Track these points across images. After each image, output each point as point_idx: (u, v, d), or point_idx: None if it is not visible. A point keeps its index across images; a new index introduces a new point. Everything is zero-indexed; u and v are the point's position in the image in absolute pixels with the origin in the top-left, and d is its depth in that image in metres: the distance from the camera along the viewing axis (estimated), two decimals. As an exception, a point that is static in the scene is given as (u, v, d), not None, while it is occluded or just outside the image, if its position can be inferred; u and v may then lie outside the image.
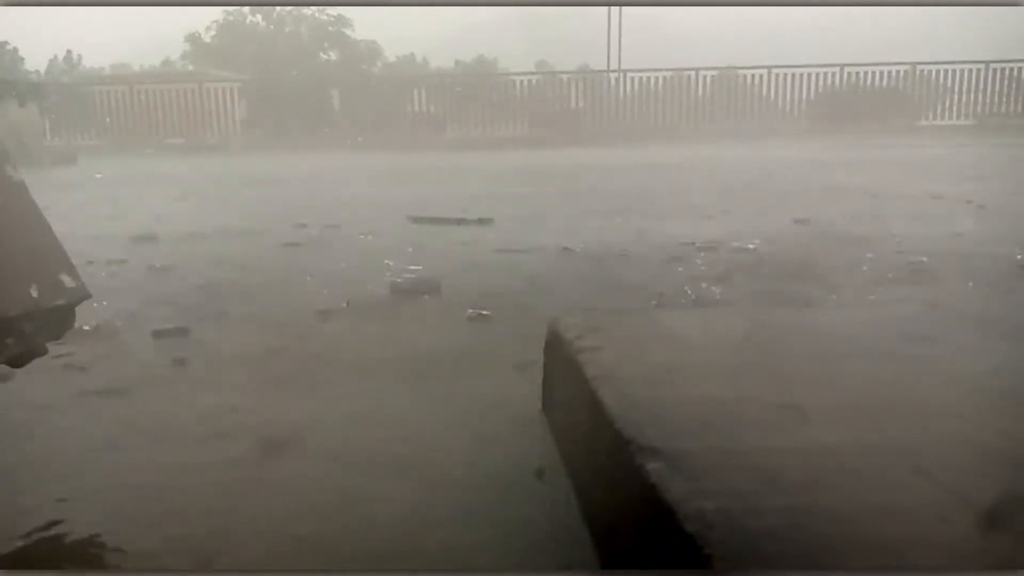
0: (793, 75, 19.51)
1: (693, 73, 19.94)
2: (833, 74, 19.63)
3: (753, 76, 19.83)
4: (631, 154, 12.01)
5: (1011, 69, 18.65)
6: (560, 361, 1.40)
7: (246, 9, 30.90)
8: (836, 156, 10.23)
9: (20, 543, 1.08)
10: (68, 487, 1.22)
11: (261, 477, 1.26)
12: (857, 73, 19.70)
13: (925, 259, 2.99)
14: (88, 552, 1.07)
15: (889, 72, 19.57)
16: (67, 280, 1.21)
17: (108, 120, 19.93)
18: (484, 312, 2.29)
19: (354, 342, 2.07)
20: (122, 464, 1.31)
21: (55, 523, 1.12)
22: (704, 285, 2.62)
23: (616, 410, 1.02)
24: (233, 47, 31.14)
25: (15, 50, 29.86)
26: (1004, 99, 18.86)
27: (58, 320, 1.22)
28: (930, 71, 19.21)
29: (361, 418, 1.51)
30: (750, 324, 1.54)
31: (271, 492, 1.20)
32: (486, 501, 1.16)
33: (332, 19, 31.16)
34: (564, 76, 20.78)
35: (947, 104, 19.30)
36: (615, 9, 28.04)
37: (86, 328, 2.07)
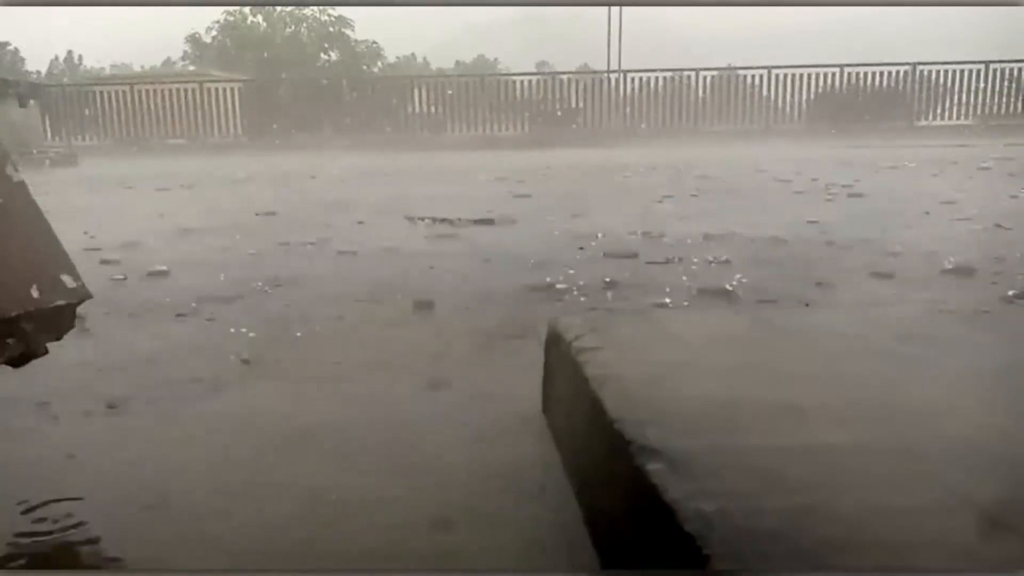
0: (793, 75, 19.52)
1: (693, 73, 19.95)
2: (833, 74, 19.64)
3: (753, 76, 19.84)
4: (629, 154, 12.02)
5: (1011, 69, 18.65)
6: (560, 361, 1.40)
7: (247, 9, 30.93)
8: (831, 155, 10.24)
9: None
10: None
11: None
12: (857, 73, 19.71)
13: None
14: (88, 552, 1.07)
15: (889, 72, 19.56)
16: (68, 280, 1.21)
17: (108, 121, 19.93)
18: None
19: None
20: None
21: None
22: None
23: (616, 410, 1.02)
24: (234, 48, 31.17)
25: (16, 51, 29.87)
26: (1004, 99, 18.86)
27: (59, 320, 1.22)
28: (930, 71, 19.21)
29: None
30: (750, 324, 1.54)
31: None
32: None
33: (333, 19, 31.19)
34: (564, 76, 20.80)
35: (947, 104, 19.30)
36: (615, 9, 28.10)
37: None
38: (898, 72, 19.43)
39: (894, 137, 15.17)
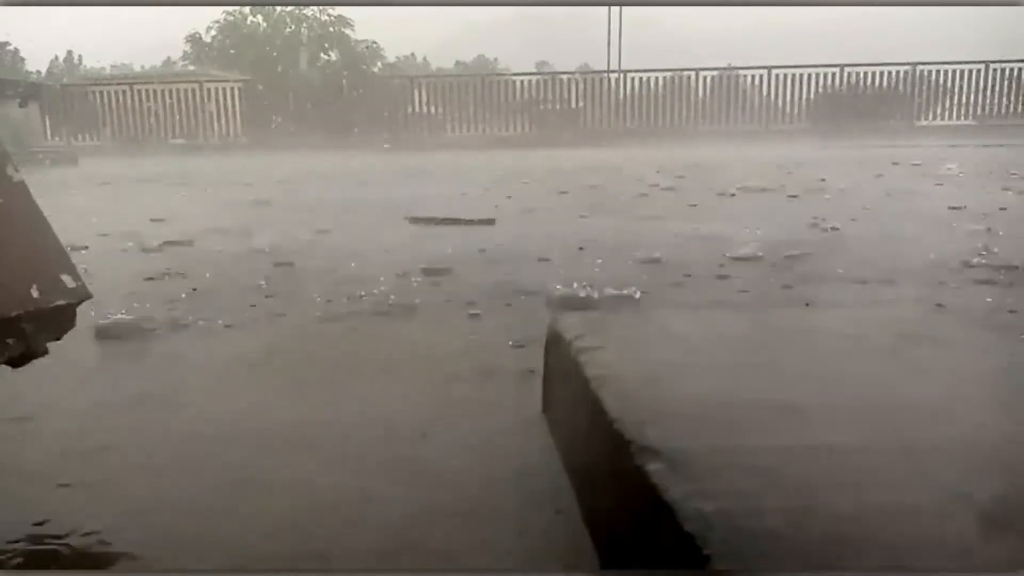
0: (793, 75, 19.51)
1: (693, 73, 19.94)
2: (833, 74, 19.62)
3: (753, 76, 19.83)
4: (624, 154, 12.02)
5: (1011, 69, 18.64)
6: (560, 361, 1.40)
7: (247, 9, 30.92)
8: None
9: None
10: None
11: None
12: (857, 73, 19.69)
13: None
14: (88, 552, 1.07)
15: (889, 72, 19.55)
16: (68, 280, 1.21)
17: (109, 121, 19.92)
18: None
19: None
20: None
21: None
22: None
23: (616, 410, 1.02)
24: (234, 48, 31.16)
25: (16, 51, 29.81)
26: (1004, 99, 18.85)
27: (59, 320, 1.22)
28: (930, 71, 19.20)
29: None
30: (750, 324, 1.54)
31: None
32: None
33: (333, 19, 31.16)
34: (564, 76, 20.78)
35: (947, 104, 19.29)
36: (615, 9, 28.09)
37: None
38: (898, 72, 19.42)
39: (894, 137, 15.15)
